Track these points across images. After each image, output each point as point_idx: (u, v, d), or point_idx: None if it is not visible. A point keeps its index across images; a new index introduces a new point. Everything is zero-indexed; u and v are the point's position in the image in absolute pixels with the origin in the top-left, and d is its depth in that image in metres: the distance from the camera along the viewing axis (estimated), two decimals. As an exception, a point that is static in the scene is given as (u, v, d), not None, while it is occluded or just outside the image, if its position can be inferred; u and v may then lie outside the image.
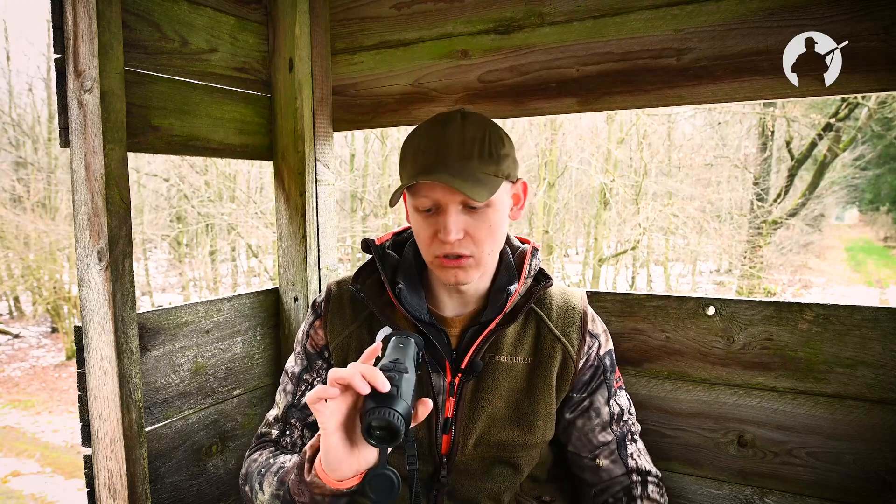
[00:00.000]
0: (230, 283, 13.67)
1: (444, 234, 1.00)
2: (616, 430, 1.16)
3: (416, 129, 1.08)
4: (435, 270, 1.07)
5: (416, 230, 1.07)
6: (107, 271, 1.16)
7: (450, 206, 1.00)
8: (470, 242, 1.03)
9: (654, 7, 1.24)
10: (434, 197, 1.01)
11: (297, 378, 1.18)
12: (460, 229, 1.01)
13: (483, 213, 1.03)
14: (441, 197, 1.01)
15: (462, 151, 1.01)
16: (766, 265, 10.52)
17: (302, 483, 0.94)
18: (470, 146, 1.01)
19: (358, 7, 1.56)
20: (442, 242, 1.02)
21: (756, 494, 1.29)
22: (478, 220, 1.03)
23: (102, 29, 1.12)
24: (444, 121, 1.05)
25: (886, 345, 1.16)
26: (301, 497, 0.94)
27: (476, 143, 1.02)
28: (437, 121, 1.06)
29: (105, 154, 1.14)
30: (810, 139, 10.07)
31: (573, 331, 1.14)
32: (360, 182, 12.39)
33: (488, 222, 1.03)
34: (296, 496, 0.95)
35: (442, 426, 1.09)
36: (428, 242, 1.05)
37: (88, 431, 1.24)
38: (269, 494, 1.02)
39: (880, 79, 1.09)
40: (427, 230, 1.04)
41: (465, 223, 1.02)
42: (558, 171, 11.34)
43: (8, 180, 12.14)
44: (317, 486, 0.91)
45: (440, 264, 1.04)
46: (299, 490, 0.94)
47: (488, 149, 1.03)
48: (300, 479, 0.94)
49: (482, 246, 1.04)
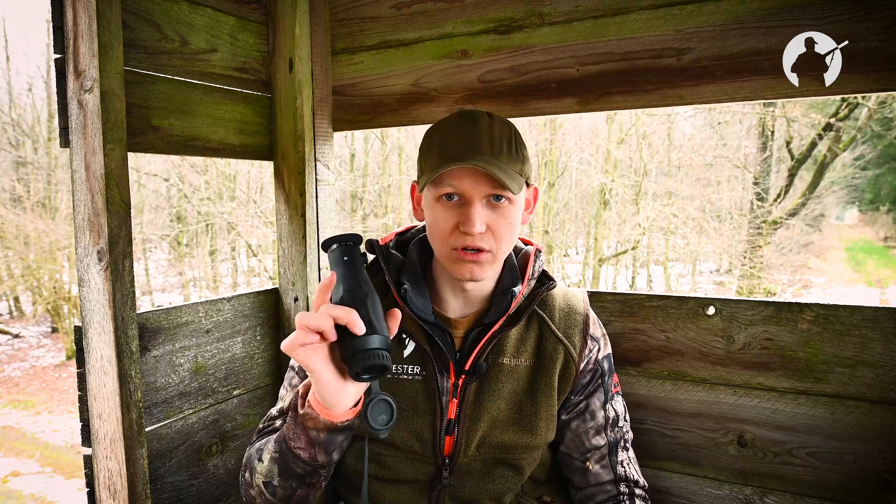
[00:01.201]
0: (230, 282, 13.67)
1: (468, 225, 1.00)
2: (609, 434, 1.16)
3: (440, 123, 1.09)
4: (449, 265, 1.06)
5: (434, 221, 1.05)
6: (107, 271, 1.16)
7: (475, 197, 1.01)
8: (490, 237, 1.03)
9: (654, 7, 1.24)
10: (461, 188, 1.01)
11: (305, 374, 1.18)
12: (483, 222, 1.01)
13: (505, 209, 1.03)
14: (468, 188, 1.01)
15: (493, 146, 1.02)
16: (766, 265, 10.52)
17: (297, 425, 0.93)
18: (499, 143, 1.02)
19: (358, 7, 1.56)
20: (463, 234, 1.01)
21: (756, 494, 1.29)
22: (500, 215, 1.03)
23: (102, 29, 1.12)
24: (471, 116, 1.05)
25: (886, 345, 1.16)
26: (297, 442, 0.94)
27: (504, 140, 1.03)
28: (465, 115, 1.06)
29: (105, 154, 1.14)
30: (810, 139, 10.07)
31: (575, 333, 1.14)
32: (360, 182, 12.39)
33: (509, 219, 1.04)
34: (292, 442, 0.95)
35: (445, 427, 1.09)
36: (447, 234, 1.04)
37: (88, 431, 1.24)
38: (267, 461, 1.01)
39: (880, 79, 1.09)
40: (448, 221, 1.03)
41: (487, 217, 1.02)
42: (558, 171, 11.34)
43: (8, 180, 12.15)
44: (310, 418, 0.91)
45: (457, 257, 1.03)
46: (294, 434, 0.94)
47: (515, 147, 1.04)
48: (295, 418, 0.94)
49: (501, 243, 1.04)
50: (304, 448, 0.95)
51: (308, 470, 0.97)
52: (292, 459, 0.96)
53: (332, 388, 0.87)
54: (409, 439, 1.08)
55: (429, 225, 1.08)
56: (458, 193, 1.02)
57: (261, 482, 1.02)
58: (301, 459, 0.96)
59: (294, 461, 0.96)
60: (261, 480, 1.02)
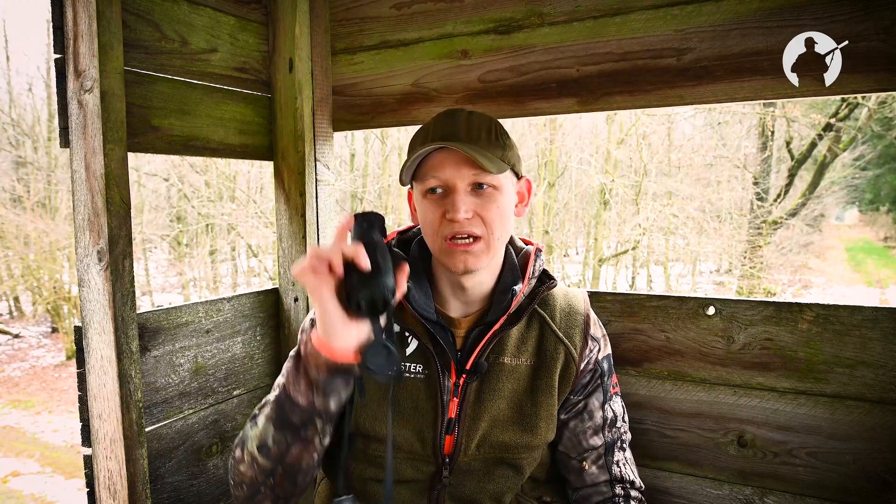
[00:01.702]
0: (230, 282, 13.67)
1: (453, 211, 1.01)
2: (607, 435, 1.16)
3: (422, 125, 1.12)
4: (443, 258, 1.06)
5: (424, 216, 1.07)
6: (107, 271, 1.16)
7: (458, 184, 1.03)
8: (479, 222, 1.04)
9: (654, 7, 1.24)
10: (443, 177, 1.03)
11: None
12: (469, 209, 1.03)
13: (490, 194, 1.04)
14: (449, 176, 1.03)
15: (470, 133, 1.04)
16: (766, 265, 10.52)
17: (298, 369, 0.95)
18: (477, 131, 1.05)
19: (358, 7, 1.56)
20: (451, 222, 1.03)
21: (756, 494, 1.29)
22: (486, 200, 1.04)
23: (102, 29, 1.12)
24: (451, 112, 1.09)
25: (886, 345, 1.16)
26: (296, 386, 0.95)
27: (483, 129, 1.06)
28: (445, 112, 1.10)
29: (105, 154, 1.14)
30: (810, 139, 10.07)
31: (576, 333, 1.14)
32: (360, 182, 12.39)
33: (496, 203, 1.05)
34: (290, 388, 0.96)
35: (445, 427, 1.09)
36: (436, 226, 1.05)
37: (88, 431, 1.24)
38: (262, 422, 1.01)
39: (880, 79, 1.09)
40: (435, 212, 1.05)
41: (473, 203, 1.03)
42: (558, 171, 11.34)
43: (8, 180, 12.15)
44: (312, 355, 0.92)
45: (448, 249, 1.04)
46: (294, 378, 0.95)
47: (494, 135, 1.06)
48: (297, 361, 0.96)
49: (491, 228, 1.04)
50: (302, 393, 0.95)
51: (304, 418, 0.96)
52: (290, 407, 0.96)
53: (336, 321, 0.89)
54: (411, 438, 1.08)
55: (421, 222, 1.10)
56: (442, 185, 1.04)
57: (254, 447, 1.00)
58: (298, 405, 0.95)
59: (291, 408, 0.96)
60: (254, 445, 1.00)
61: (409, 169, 1.05)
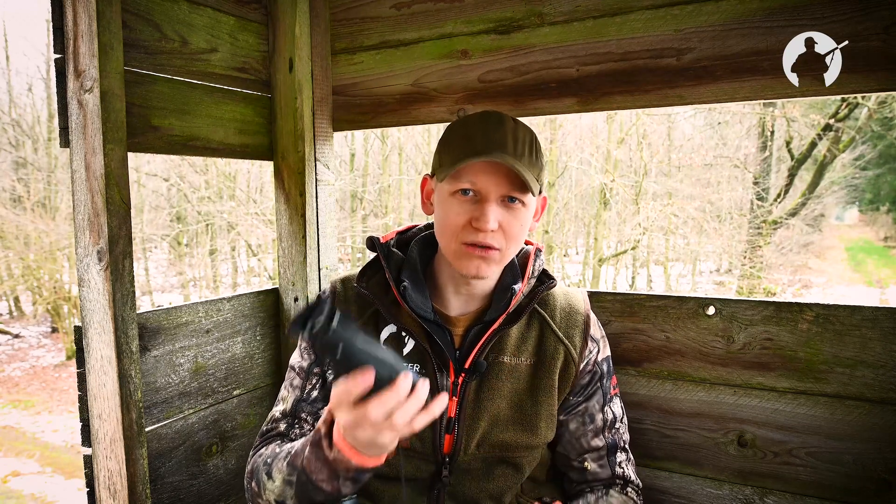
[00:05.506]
0: (230, 282, 13.67)
1: (482, 221, 1.01)
2: (608, 436, 1.16)
3: (464, 119, 1.09)
4: (455, 260, 1.06)
5: (446, 214, 1.05)
6: (107, 271, 1.16)
7: (492, 195, 1.02)
8: (501, 236, 1.04)
9: (654, 7, 1.24)
10: (480, 184, 1.02)
11: (307, 372, 1.17)
12: (497, 220, 1.02)
13: (518, 210, 1.04)
14: (486, 185, 1.01)
15: (516, 148, 1.02)
16: (766, 265, 10.52)
17: (320, 460, 0.91)
18: (522, 146, 1.03)
19: (358, 7, 1.56)
20: (475, 231, 1.02)
21: (756, 494, 1.29)
22: (513, 216, 1.04)
23: (102, 29, 1.12)
24: (498, 117, 1.06)
25: (886, 345, 1.16)
26: (319, 474, 0.92)
27: (527, 144, 1.04)
28: (490, 114, 1.07)
29: (105, 154, 1.14)
30: (810, 139, 10.07)
31: (576, 333, 1.15)
32: (360, 182, 12.39)
33: (520, 220, 1.05)
34: (313, 475, 0.92)
35: (445, 426, 1.09)
36: (458, 228, 1.04)
37: (88, 431, 1.24)
38: (279, 481, 0.99)
39: (880, 79, 1.09)
40: (461, 216, 1.03)
41: (500, 216, 1.03)
42: (558, 171, 11.33)
43: (8, 180, 12.14)
44: (341, 461, 0.89)
45: (465, 252, 1.04)
46: (317, 468, 0.92)
47: (536, 153, 1.05)
48: (317, 456, 0.92)
49: (510, 243, 1.05)
50: (326, 481, 0.92)
51: (330, 499, 0.95)
52: (313, 490, 0.94)
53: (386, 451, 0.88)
54: (410, 437, 1.08)
55: (439, 219, 1.08)
56: (476, 190, 1.03)
57: (272, 499, 1.01)
58: (323, 491, 0.93)
59: (315, 491, 0.94)
60: (273, 498, 1.01)
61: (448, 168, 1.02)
